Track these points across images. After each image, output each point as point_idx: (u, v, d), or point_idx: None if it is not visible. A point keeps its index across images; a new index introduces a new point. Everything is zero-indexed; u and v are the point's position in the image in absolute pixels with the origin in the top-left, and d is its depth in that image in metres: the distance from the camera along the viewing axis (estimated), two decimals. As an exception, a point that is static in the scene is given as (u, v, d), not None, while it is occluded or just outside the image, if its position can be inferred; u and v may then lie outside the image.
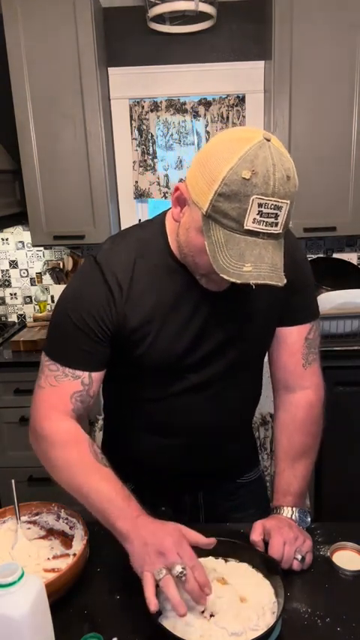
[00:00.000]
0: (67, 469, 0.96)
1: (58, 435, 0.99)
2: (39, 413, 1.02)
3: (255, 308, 1.05)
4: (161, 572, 0.81)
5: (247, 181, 0.79)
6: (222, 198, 0.81)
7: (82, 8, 2.17)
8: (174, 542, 0.83)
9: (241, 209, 0.80)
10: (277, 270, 0.84)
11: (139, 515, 0.88)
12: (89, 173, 2.35)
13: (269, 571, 0.93)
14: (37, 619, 0.73)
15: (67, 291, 1.04)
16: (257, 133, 0.82)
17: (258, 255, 0.82)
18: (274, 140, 0.83)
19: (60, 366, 1.01)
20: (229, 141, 0.83)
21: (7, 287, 2.87)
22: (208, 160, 0.84)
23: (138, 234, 1.04)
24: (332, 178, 2.32)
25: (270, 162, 0.80)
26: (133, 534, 0.85)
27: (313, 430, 1.15)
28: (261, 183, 0.79)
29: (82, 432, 1.01)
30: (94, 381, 1.03)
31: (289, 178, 0.82)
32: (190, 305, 1.02)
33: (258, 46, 2.48)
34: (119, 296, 0.99)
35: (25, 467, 2.31)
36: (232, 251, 0.83)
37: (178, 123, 2.59)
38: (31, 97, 2.26)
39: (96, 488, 0.91)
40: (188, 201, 0.89)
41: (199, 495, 1.23)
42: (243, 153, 0.80)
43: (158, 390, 1.09)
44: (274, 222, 0.82)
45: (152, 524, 0.87)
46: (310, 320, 1.13)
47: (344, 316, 2.27)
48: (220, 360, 1.07)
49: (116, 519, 0.87)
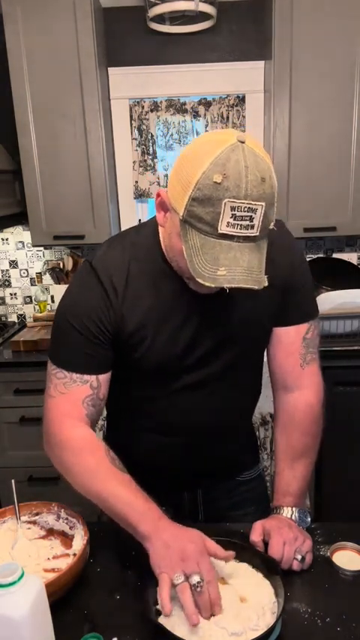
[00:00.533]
0: (85, 475, 0.97)
1: (74, 441, 1.00)
2: (53, 422, 1.02)
3: (250, 308, 1.05)
4: (180, 577, 0.82)
5: (218, 185, 0.79)
6: (196, 202, 0.81)
7: (82, 8, 2.17)
8: (196, 551, 0.85)
9: (214, 213, 0.80)
10: (252, 273, 0.83)
11: (160, 518, 0.90)
12: (89, 173, 2.35)
13: (269, 571, 0.93)
14: (37, 619, 0.73)
15: (65, 297, 1.05)
16: (231, 136, 0.82)
17: (232, 259, 0.82)
18: (249, 142, 0.82)
19: (67, 372, 1.02)
20: (203, 144, 0.83)
21: (7, 287, 2.87)
22: (183, 164, 0.84)
23: (133, 238, 1.05)
24: (332, 178, 2.32)
25: (242, 165, 0.79)
26: (154, 536, 0.87)
27: (313, 430, 1.15)
28: (232, 187, 0.79)
29: (97, 439, 1.02)
30: (102, 384, 1.04)
31: (264, 180, 0.81)
32: (184, 307, 1.02)
33: (258, 46, 2.48)
34: (115, 299, 1.00)
35: (25, 467, 2.31)
36: (207, 255, 0.82)
37: (178, 123, 2.59)
38: (31, 97, 2.26)
39: (115, 493, 0.93)
40: (168, 207, 0.89)
41: (199, 493, 1.23)
42: (214, 157, 0.80)
43: (156, 391, 1.10)
44: (249, 224, 0.81)
45: (174, 528, 0.89)
46: (308, 320, 1.13)
47: (344, 316, 2.27)
48: (217, 359, 1.07)
49: (138, 523, 0.89)
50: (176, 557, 0.84)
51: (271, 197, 0.82)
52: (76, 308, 1.01)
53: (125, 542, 0.98)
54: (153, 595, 0.87)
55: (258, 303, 1.04)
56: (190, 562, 0.83)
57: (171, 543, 0.85)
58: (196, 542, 0.86)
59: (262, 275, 0.84)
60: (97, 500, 0.95)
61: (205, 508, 1.23)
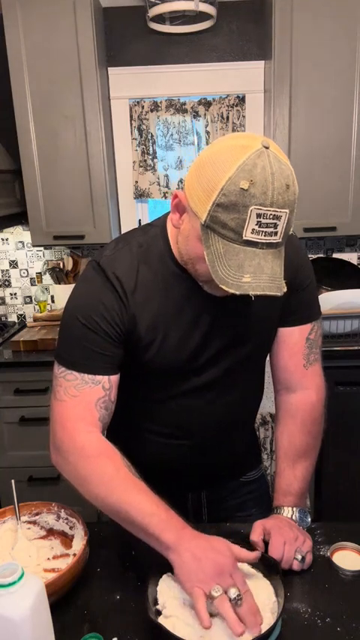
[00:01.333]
0: (103, 484, 0.92)
1: (90, 448, 0.95)
2: (65, 428, 0.97)
3: (258, 310, 1.05)
4: (218, 590, 0.80)
5: (245, 192, 0.78)
6: (220, 208, 0.80)
7: (82, 8, 2.17)
8: (229, 564, 0.82)
9: (240, 220, 0.80)
10: (276, 280, 0.83)
11: (184, 527, 0.87)
12: (89, 173, 2.35)
13: (269, 571, 0.93)
14: (37, 619, 0.73)
15: (74, 297, 1.02)
16: (256, 141, 0.81)
17: (257, 266, 0.82)
18: (272, 147, 0.82)
19: (78, 373, 0.98)
20: (227, 148, 0.82)
21: (7, 287, 2.87)
22: (205, 168, 0.83)
23: (140, 239, 1.03)
24: (332, 178, 2.32)
25: (269, 172, 0.79)
26: (180, 546, 0.84)
27: (314, 430, 1.15)
28: (259, 194, 0.78)
29: (112, 445, 0.97)
30: (114, 385, 1.02)
31: (289, 187, 0.80)
32: (193, 309, 1.01)
33: (258, 46, 2.48)
34: (126, 299, 0.99)
35: (25, 467, 2.31)
36: (231, 262, 0.82)
37: (178, 123, 2.59)
38: (31, 97, 2.26)
39: (136, 504, 0.89)
40: (187, 209, 0.88)
41: (202, 494, 1.23)
42: (241, 162, 0.79)
43: (164, 393, 1.09)
44: (273, 231, 0.81)
45: (200, 538, 0.86)
46: (312, 320, 1.13)
47: (344, 316, 2.27)
48: (224, 362, 1.07)
49: (161, 532, 0.85)
50: (210, 572, 0.81)
51: (294, 203, 0.82)
52: (85, 305, 0.99)
53: (125, 542, 0.98)
54: (153, 595, 0.87)
55: (266, 303, 1.04)
56: (225, 576, 0.81)
57: (200, 555, 0.82)
58: (225, 554, 0.84)
59: (282, 281, 0.84)
60: (114, 512, 0.91)
61: (210, 509, 1.23)
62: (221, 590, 0.80)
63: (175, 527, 0.86)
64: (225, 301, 0.98)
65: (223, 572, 0.81)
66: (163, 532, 0.85)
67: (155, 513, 0.87)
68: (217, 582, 0.80)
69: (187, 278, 1.00)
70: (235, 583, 0.81)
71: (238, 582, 0.81)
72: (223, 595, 0.79)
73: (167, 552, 0.85)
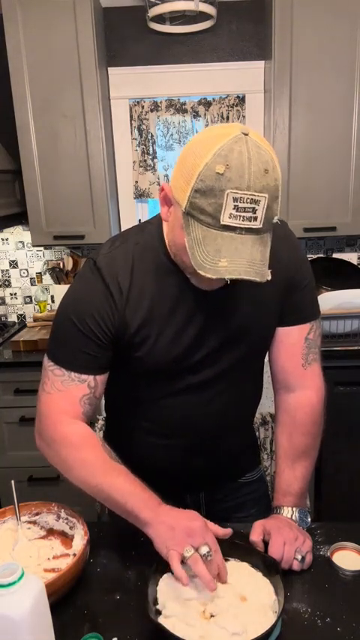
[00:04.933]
0: (85, 469, 0.99)
1: (72, 437, 1.01)
2: (49, 417, 1.03)
3: (254, 308, 1.05)
4: (190, 550, 0.86)
5: (221, 176, 0.79)
6: (198, 194, 0.81)
7: (82, 8, 2.17)
8: (200, 527, 0.89)
9: (217, 204, 0.80)
10: (255, 265, 0.82)
11: (159, 504, 0.94)
12: (89, 173, 2.35)
13: (269, 571, 0.93)
14: (37, 619, 0.73)
15: (68, 295, 1.04)
16: (234, 128, 0.82)
17: (234, 251, 0.82)
18: (252, 134, 0.82)
19: (65, 370, 1.02)
20: (207, 137, 0.83)
21: (7, 287, 2.87)
22: (186, 157, 0.84)
23: (136, 237, 1.04)
24: (332, 178, 2.32)
25: (245, 156, 0.79)
26: (156, 520, 0.91)
27: (314, 430, 1.15)
28: (235, 177, 0.79)
29: (93, 433, 1.04)
30: (100, 384, 1.05)
31: (267, 171, 0.80)
32: (189, 306, 1.02)
33: (258, 46, 2.48)
34: (120, 299, 0.99)
35: (25, 467, 2.31)
36: (208, 247, 0.82)
37: (178, 123, 2.59)
38: (31, 97, 2.26)
39: (116, 484, 0.95)
40: (172, 200, 0.89)
41: (201, 495, 1.23)
42: (217, 148, 0.80)
43: (159, 391, 1.10)
44: (252, 216, 0.81)
45: (174, 511, 0.92)
46: (310, 320, 1.13)
47: (344, 316, 2.27)
48: (221, 359, 1.07)
49: (140, 510, 0.92)
50: (182, 534, 0.88)
51: (275, 189, 0.82)
52: (79, 307, 1.01)
53: (125, 542, 0.98)
54: (153, 595, 0.87)
55: (262, 302, 1.04)
56: (196, 536, 0.87)
57: (174, 524, 0.89)
58: (196, 519, 0.91)
59: (265, 268, 0.83)
60: (96, 493, 0.98)
61: (208, 510, 1.23)
62: (193, 550, 0.86)
63: (152, 505, 0.93)
64: (218, 298, 0.98)
65: (195, 534, 0.88)
66: (141, 510, 0.92)
67: (134, 493, 0.94)
68: (190, 542, 0.87)
69: (181, 275, 1.00)
70: (207, 542, 0.88)
71: (209, 541, 0.88)
72: (195, 554, 0.86)
73: (145, 527, 0.92)
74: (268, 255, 0.85)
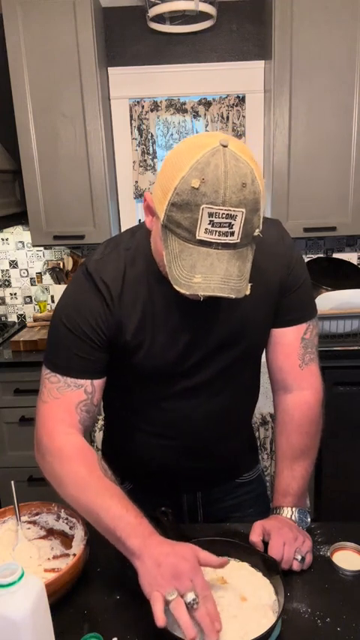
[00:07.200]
0: (76, 485, 0.94)
1: (66, 449, 0.97)
2: (45, 428, 1.00)
3: (247, 312, 1.04)
4: (173, 594, 0.79)
5: (196, 190, 0.77)
6: (175, 207, 0.80)
7: (82, 8, 2.17)
8: (189, 568, 0.81)
9: (192, 219, 0.79)
10: (230, 281, 0.81)
11: (151, 534, 0.86)
12: (89, 173, 2.35)
13: (269, 571, 0.93)
14: (37, 619, 0.73)
15: (61, 301, 1.04)
16: (214, 139, 0.80)
17: (209, 267, 0.81)
18: (232, 145, 0.80)
19: (61, 376, 1.00)
20: (186, 148, 0.82)
21: (7, 287, 2.87)
22: (165, 168, 0.83)
23: (127, 242, 1.04)
24: (332, 178, 2.32)
25: (221, 170, 0.78)
26: (144, 553, 0.83)
27: (312, 431, 1.14)
28: (210, 192, 0.77)
29: (89, 447, 0.99)
30: (97, 389, 1.03)
31: (245, 185, 0.78)
32: (182, 310, 1.01)
33: (258, 46, 2.48)
34: (112, 304, 0.99)
35: (25, 467, 2.31)
36: (184, 261, 0.81)
37: (178, 123, 2.59)
38: (31, 97, 2.26)
39: (106, 506, 0.89)
40: (153, 210, 0.88)
41: (198, 495, 1.23)
42: (194, 161, 0.78)
43: (155, 394, 1.09)
44: (228, 231, 0.79)
45: (165, 545, 0.85)
46: (306, 320, 1.12)
47: (344, 316, 2.27)
48: (216, 362, 1.07)
49: (127, 537, 0.85)
50: (168, 575, 0.80)
51: (254, 202, 0.80)
52: (71, 311, 1.00)
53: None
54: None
55: (255, 304, 1.04)
56: (183, 579, 0.80)
57: (162, 561, 0.81)
58: (188, 558, 0.82)
59: (242, 283, 0.82)
60: (86, 513, 0.93)
61: (205, 510, 1.23)
62: (176, 594, 0.79)
63: (141, 534, 0.85)
64: (211, 303, 0.98)
65: (182, 576, 0.80)
66: (129, 537, 0.85)
67: (123, 517, 0.87)
68: (175, 586, 0.79)
69: None
70: (195, 587, 0.80)
71: (197, 586, 0.80)
72: (178, 598, 0.78)
73: (132, 558, 0.85)
74: (247, 268, 0.84)
